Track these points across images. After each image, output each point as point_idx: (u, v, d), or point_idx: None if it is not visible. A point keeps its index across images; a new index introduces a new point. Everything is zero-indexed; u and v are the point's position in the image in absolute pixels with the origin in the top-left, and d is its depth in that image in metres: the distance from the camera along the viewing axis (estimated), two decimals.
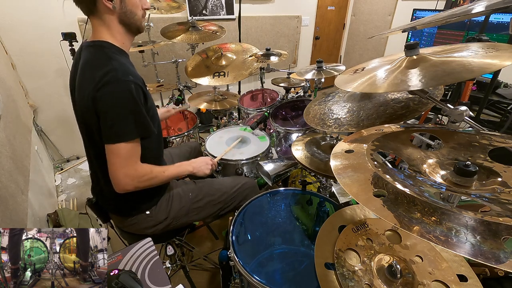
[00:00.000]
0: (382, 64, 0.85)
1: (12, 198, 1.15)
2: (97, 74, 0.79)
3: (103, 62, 0.81)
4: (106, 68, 0.79)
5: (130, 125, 0.81)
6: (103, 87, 0.77)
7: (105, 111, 0.78)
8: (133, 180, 0.86)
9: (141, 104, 0.84)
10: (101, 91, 0.77)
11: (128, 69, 0.83)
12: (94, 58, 0.83)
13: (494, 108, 1.75)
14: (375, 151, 0.60)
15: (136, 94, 0.81)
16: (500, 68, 0.59)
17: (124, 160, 0.82)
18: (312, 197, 1.10)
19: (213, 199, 1.14)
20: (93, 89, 0.78)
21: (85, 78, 0.82)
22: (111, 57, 0.82)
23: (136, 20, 0.89)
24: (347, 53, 4.68)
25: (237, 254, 0.84)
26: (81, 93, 0.82)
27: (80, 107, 0.85)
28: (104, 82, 0.77)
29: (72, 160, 2.60)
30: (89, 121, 0.82)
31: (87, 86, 0.79)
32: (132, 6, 0.86)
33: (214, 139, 1.58)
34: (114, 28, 0.87)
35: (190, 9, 2.82)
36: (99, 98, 0.78)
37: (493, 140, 0.58)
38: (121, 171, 0.83)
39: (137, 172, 0.86)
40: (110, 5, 0.82)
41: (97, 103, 0.78)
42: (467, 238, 0.37)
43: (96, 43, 0.85)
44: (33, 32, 2.10)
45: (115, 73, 0.79)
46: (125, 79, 0.79)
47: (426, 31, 2.23)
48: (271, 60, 1.72)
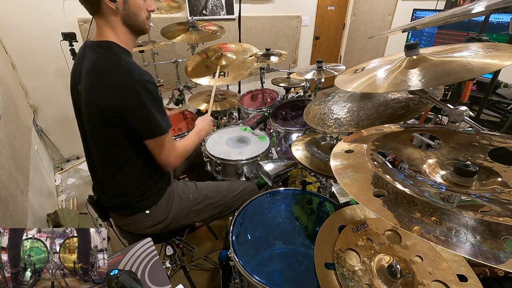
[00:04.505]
0: (382, 64, 0.85)
1: (12, 198, 1.15)
2: (114, 76, 0.80)
3: (117, 63, 0.83)
4: (122, 70, 0.81)
5: (164, 118, 0.89)
6: (131, 89, 0.80)
7: (140, 111, 0.83)
8: (178, 158, 0.99)
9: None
10: (130, 93, 0.80)
11: (141, 68, 0.86)
12: (104, 60, 0.84)
13: (494, 108, 1.75)
14: (375, 151, 0.60)
15: (157, 90, 0.87)
16: (500, 68, 0.59)
17: (171, 146, 0.95)
18: (312, 197, 1.10)
19: (213, 202, 1.14)
20: (115, 92, 0.80)
21: (98, 80, 0.82)
22: (121, 58, 0.84)
23: (140, 22, 0.90)
24: (347, 53, 4.68)
25: (237, 254, 0.84)
26: (94, 95, 0.82)
27: (91, 107, 0.84)
28: (131, 84, 0.80)
29: (72, 160, 2.60)
30: (106, 121, 0.83)
31: (105, 88, 0.80)
32: (136, 8, 0.87)
33: (214, 139, 1.58)
34: (118, 29, 0.87)
35: (190, 9, 2.82)
36: (128, 101, 0.81)
37: (493, 140, 0.58)
38: (172, 155, 0.96)
39: (179, 152, 1.00)
40: (113, 6, 0.82)
41: (126, 105, 0.81)
42: (467, 238, 0.37)
43: (103, 44, 0.85)
44: (33, 32, 2.10)
45: (136, 74, 0.81)
46: (148, 79, 0.83)
47: (426, 31, 2.23)
48: (271, 60, 1.72)
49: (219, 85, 1.94)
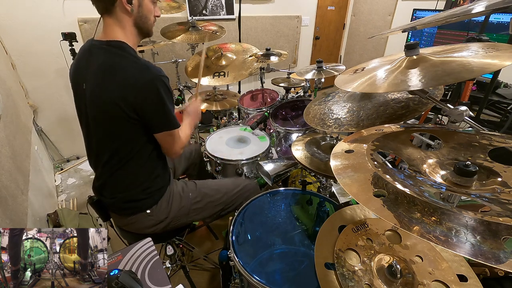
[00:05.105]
0: (382, 64, 0.85)
1: (12, 198, 1.15)
2: (133, 73, 0.83)
3: (132, 60, 0.85)
4: (138, 66, 0.84)
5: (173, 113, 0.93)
6: (149, 84, 0.83)
7: (156, 105, 0.87)
8: (182, 147, 1.05)
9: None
10: (147, 88, 0.83)
11: (155, 65, 0.88)
12: (120, 59, 0.85)
13: (494, 108, 1.75)
14: (375, 151, 0.60)
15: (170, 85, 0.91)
16: (500, 68, 0.59)
17: (178, 139, 1.00)
18: (312, 197, 1.10)
19: (214, 200, 1.14)
20: (132, 87, 0.82)
21: (113, 77, 0.83)
22: (135, 56, 0.88)
23: (149, 25, 0.95)
24: (347, 53, 4.68)
25: (237, 254, 0.84)
26: (106, 92, 0.83)
27: (102, 105, 0.85)
28: (148, 79, 0.83)
29: (72, 160, 2.60)
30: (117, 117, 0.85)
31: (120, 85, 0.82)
32: (148, 12, 0.92)
33: (214, 139, 1.58)
34: (128, 29, 0.90)
35: (190, 9, 2.81)
36: (146, 95, 0.84)
37: (493, 140, 0.58)
38: (178, 147, 1.02)
39: (182, 142, 1.05)
40: (129, 7, 0.85)
41: (143, 100, 0.84)
42: (467, 238, 0.37)
43: (114, 43, 0.87)
44: (33, 32, 2.10)
45: (151, 70, 0.85)
46: (162, 74, 0.87)
47: (426, 31, 2.23)
48: (271, 60, 1.72)
49: (218, 85, 1.95)
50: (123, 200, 0.99)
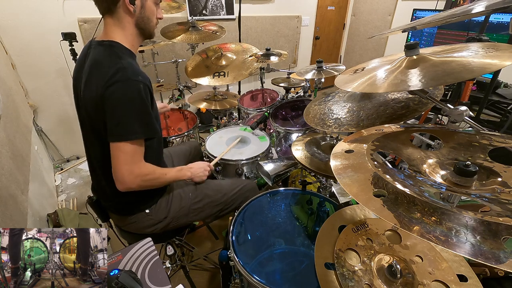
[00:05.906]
0: (382, 64, 0.85)
1: (12, 198, 1.15)
2: (106, 71, 0.80)
3: (113, 60, 0.83)
4: (116, 66, 0.81)
5: (137, 125, 0.82)
6: (113, 84, 0.78)
7: (113, 109, 0.79)
8: (137, 178, 0.87)
9: (149, 104, 0.85)
10: (111, 89, 0.78)
11: (137, 69, 0.85)
12: (103, 56, 0.84)
13: (494, 108, 1.75)
14: (375, 151, 0.60)
15: (144, 94, 0.83)
16: (500, 68, 0.59)
17: (130, 158, 0.83)
18: (312, 197, 1.10)
19: (213, 200, 1.14)
20: (102, 87, 0.79)
21: (94, 75, 0.82)
22: (120, 57, 0.84)
23: (151, 27, 0.94)
24: (347, 53, 4.68)
25: (237, 254, 0.84)
26: (89, 90, 0.83)
27: (86, 103, 0.85)
28: (114, 80, 0.78)
29: (72, 160, 2.60)
30: (96, 118, 0.83)
31: (97, 83, 0.80)
32: (150, 13, 0.91)
33: (214, 139, 1.58)
34: (128, 30, 0.89)
35: (190, 9, 2.82)
36: (108, 96, 0.78)
37: (493, 140, 0.58)
38: (126, 169, 0.84)
39: (141, 170, 0.87)
40: (131, 8, 0.85)
41: (105, 100, 0.79)
42: (467, 238, 0.37)
43: (106, 43, 0.87)
44: (33, 32, 2.10)
45: (125, 71, 0.80)
46: (135, 79, 0.81)
47: (426, 31, 2.23)
48: (271, 60, 1.72)
49: (218, 85, 1.95)
50: (121, 201, 0.99)
